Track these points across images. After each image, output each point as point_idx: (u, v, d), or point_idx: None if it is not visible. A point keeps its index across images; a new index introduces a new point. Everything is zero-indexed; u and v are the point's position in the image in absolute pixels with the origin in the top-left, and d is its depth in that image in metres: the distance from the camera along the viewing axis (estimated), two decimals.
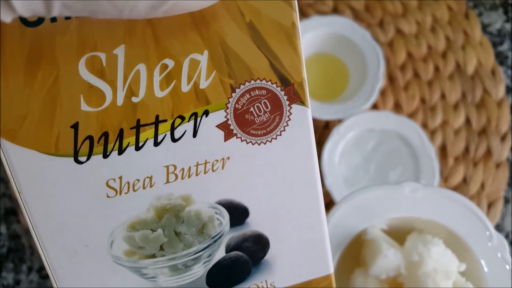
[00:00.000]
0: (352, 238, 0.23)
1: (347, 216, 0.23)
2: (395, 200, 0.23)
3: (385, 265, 0.21)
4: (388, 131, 0.34)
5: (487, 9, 0.42)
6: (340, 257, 0.22)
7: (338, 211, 0.22)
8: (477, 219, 0.23)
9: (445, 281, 0.20)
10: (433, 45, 0.40)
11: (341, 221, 0.23)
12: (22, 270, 0.34)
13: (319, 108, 0.34)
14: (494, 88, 0.38)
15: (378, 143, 0.34)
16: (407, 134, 0.34)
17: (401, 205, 0.23)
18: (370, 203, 0.23)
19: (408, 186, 0.23)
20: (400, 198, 0.23)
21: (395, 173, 0.34)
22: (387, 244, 0.21)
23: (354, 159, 0.34)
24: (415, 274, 0.21)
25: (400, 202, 0.23)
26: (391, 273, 0.21)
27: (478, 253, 0.22)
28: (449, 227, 0.23)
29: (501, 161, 0.36)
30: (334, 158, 0.33)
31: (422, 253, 0.21)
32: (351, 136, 0.34)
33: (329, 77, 0.37)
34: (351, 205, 0.23)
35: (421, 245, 0.21)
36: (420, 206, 0.23)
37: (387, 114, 0.34)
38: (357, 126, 0.34)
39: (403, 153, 0.34)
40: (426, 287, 0.20)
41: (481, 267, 0.22)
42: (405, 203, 0.23)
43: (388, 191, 0.23)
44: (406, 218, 0.23)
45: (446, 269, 0.21)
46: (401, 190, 0.23)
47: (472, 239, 0.22)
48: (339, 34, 0.36)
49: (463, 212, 0.23)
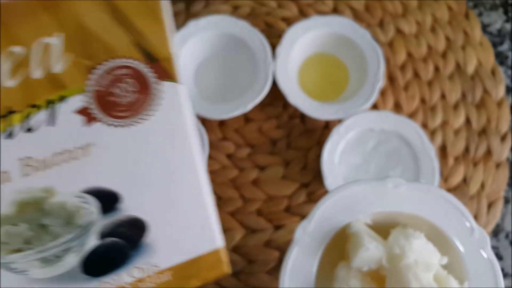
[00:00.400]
0: (336, 232, 0.23)
1: (331, 210, 0.23)
2: (378, 195, 0.23)
3: (366, 258, 0.21)
4: (388, 131, 0.34)
5: (487, 9, 0.42)
6: (325, 251, 0.23)
7: (323, 206, 0.23)
8: (459, 214, 0.23)
9: (426, 273, 0.21)
10: (433, 45, 0.40)
11: (326, 216, 0.23)
12: None
13: (319, 108, 0.34)
14: (494, 88, 0.38)
15: (378, 143, 0.34)
16: (407, 134, 0.34)
17: (384, 200, 0.23)
18: (354, 198, 0.23)
19: (391, 182, 0.23)
20: (383, 193, 0.23)
21: (395, 173, 0.34)
22: (369, 237, 0.22)
23: (354, 159, 0.34)
24: (396, 266, 0.21)
25: (383, 197, 0.23)
26: (373, 266, 0.22)
27: (459, 246, 0.23)
28: (431, 221, 0.23)
29: (501, 161, 0.36)
30: (334, 158, 0.33)
31: (404, 246, 0.21)
32: (351, 136, 0.34)
33: (329, 77, 0.37)
34: (336, 200, 0.23)
35: (402, 238, 0.22)
36: (404, 201, 0.23)
37: (387, 114, 0.34)
38: (357, 126, 0.34)
39: (403, 153, 0.34)
40: (407, 278, 0.20)
41: (462, 260, 0.23)
42: (388, 198, 0.23)
43: (372, 186, 0.23)
44: (390, 212, 0.23)
45: (427, 262, 0.21)
46: (384, 185, 0.23)
47: (454, 233, 0.23)
48: (339, 34, 0.36)
49: (446, 207, 0.23)
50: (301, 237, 0.23)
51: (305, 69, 0.37)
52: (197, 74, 0.37)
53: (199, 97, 0.35)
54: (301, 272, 0.22)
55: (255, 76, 0.35)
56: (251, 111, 0.36)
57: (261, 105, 0.37)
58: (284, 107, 0.38)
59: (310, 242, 0.23)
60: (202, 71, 0.37)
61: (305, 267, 0.22)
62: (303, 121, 0.37)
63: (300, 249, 0.22)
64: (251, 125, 0.37)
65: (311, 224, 0.23)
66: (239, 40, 0.36)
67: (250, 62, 0.36)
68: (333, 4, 0.41)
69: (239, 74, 0.37)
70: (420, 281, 0.20)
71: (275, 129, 0.37)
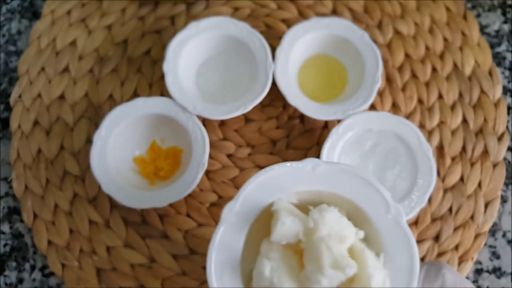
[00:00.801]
0: (261, 211, 0.24)
1: (256, 191, 0.24)
2: (300, 176, 0.25)
3: (283, 232, 0.22)
4: (386, 131, 0.34)
5: (485, 10, 0.43)
6: (251, 229, 0.24)
7: (248, 187, 0.24)
8: (376, 191, 0.25)
9: (339, 245, 0.22)
10: (431, 46, 0.40)
11: (251, 196, 0.24)
12: (25, 269, 0.34)
13: (318, 108, 0.35)
14: (492, 89, 0.39)
15: (376, 143, 0.35)
16: (404, 134, 0.34)
17: (305, 180, 0.25)
18: (278, 179, 0.25)
19: (310, 163, 0.25)
20: (304, 174, 0.25)
21: (393, 172, 0.34)
22: (288, 213, 0.23)
23: (353, 158, 0.35)
24: (311, 239, 0.22)
25: (304, 177, 0.25)
26: (292, 240, 0.23)
27: (376, 222, 0.24)
28: (349, 198, 0.25)
29: (498, 161, 0.37)
30: (333, 158, 0.34)
31: (317, 219, 0.22)
32: (349, 136, 0.34)
33: (328, 78, 0.38)
34: (260, 182, 0.24)
35: (316, 213, 0.23)
36: (323, 180, 0.25)
37: (384, 115, 0.34)
38: (356, 126, 0.34)
39: (401, 153, 0.34)
40: (320, 250, 0.21)
41: (379, 234, 0.24)
42: (308, 178, 0.25)
43: (293, 168, 0.25)
44: (312, 191, 0.25)
45: (340, 234, 0.22)
46: (304, 167, 0.25)
47: (371, 209, 0.24)
48: (338, 36, 0.37)
49: (363, 185, 0.25)
50: (227, 216, 0.24)
51: (305, 70, 0.38)
52: (198, 75, 0.38)
53: (200, 98, 0.36)
54: (227, 248, 0.24)
55: (255, 77, 0.36)
56: (251, 112, 0.37)
57: (261, 105, 0.38)
58: (284, 107, 0.38)
59: (236, 221, 0.24)
60: (203, 72, 0.38)
61: (231, 244, 0.24)
62: (303, 122, 0.38)
63: (227, 227, 0.24)
64: (251, 126, 0.37)
65: (237, 204, 0.24)
66: (240, 42, 0.37)
67: (250, 63, 0.36)
68: (332, 5, 0.41)
69: (239, 75, 0.37)
70: (333, 252, 0.21)
71: (275, 130, 0.37)
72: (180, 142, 0.35)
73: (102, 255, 0.34)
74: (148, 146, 0.35)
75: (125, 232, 0.34)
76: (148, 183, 0.34)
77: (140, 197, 0.32)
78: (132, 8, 0.41)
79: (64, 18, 0.40)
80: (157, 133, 0.35)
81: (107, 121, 0.34)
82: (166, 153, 0.35)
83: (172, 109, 0.34)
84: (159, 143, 0.36)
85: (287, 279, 0.22)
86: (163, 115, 0.34)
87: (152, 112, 0.34)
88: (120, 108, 0.34)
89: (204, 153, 0.33)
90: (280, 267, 0.22)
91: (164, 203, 0.32)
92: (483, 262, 0.35)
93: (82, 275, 0.33)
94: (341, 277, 0.22)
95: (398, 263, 0.24)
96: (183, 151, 0.35)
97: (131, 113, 0.34)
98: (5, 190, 0.36)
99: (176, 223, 0.35)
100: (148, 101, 0.34)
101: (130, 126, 0.34)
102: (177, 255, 0.34)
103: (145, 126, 0.35)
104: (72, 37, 0.40)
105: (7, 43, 0.41)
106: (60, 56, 0.39)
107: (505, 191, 0.37)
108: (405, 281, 0.23)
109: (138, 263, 0.34)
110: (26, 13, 0.42)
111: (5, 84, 0.40)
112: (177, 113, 0.34)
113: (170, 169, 0.35)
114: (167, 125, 0.35)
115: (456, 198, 0.36)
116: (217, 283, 0.23)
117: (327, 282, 0.21)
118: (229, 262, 0.24)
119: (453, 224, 0.35)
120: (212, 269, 0.23)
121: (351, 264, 0.21)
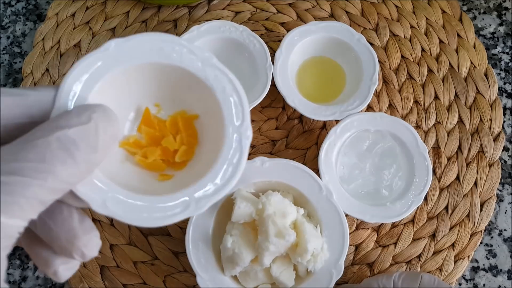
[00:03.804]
0: (224, 201, 0.32)
1: None
2: (252, 170, 0.32)
3: (239, 213, 0.30)
4: (383, 131, 0.35)
5: (481, 13, 0.43)
6: (218, 214, 0.32)
7: None
8: (310, 177, 0.32)
9: (282, 219, 0.29)
10: (427, 48, 0.41)
11: None
12: (28, 267, 0.35)
13: (316, 109, 0.35)
14: (487, 90, 0.39)
15: (373, 143, 0.36)
16: (401, 134, 0.35)
17: (257, 173, 0.32)
18: None
19: (259, 160, 0.32)
20: (255, 169, 0.32)
21: (390, 172, 0.35)
22: (244, 200, 0.30)
23: (350, 158, 0.35)
24: (261, 217, 0.29)
25: (256, 171, 0.32)
26: (248, 219, 0.30)
27: (313, 201, 0.32)
28: (292, 185, 0.32)
29: (494, 161, 0.37)
30: (331, 158, 0.34)
31: (264, 202, 0.29)
32: (347, 136, 0.35)
33: (326, 80, 0.38)
34: None
35: (264, 197, 0.30)
36: (270, 172, 0.32)
37: (381, 115, 0.35)
38: (353, 127, 0.35)
39: (397, 153, 0.35)
40: (267, 224, 0.28)
41: (317, 210, 0.32)
42: (259, 172, 0.32)
43: (246, 166, 0.28)
44: (264, 181, 0.32)
45: (283, 211, 0.29)
46: (255, 163, 0.32)
47: (308, 191, 0.32)
48: (336, 39, 0.37)
49: (300, 174, 0.32)
50: None
51: (304, 72, 0.38)
52: None
53: None
54: (201, 229, 0.31)
55: (255, 79, 0.36)
56: (251, 112, 0.38)
57: (261, 106, 0.39)
58: (283, 108, 0.39)
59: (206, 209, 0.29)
60: None
61: (204, 225, 0.31)
62: (302, 122, 0.38)
63: (199, 214, 0.31)
64: (251, 126, 0.38)
65: None
66: (240, 44, 0.37)
67: (250, 65, 0.37)
68: (330, 9, 0.42)
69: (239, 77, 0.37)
70: (277, 225, 0.29)
71: (275, 130, 0.38)
72: (193, 102, 0.22)
73: (105, 253, 0.34)
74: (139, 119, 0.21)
75: (128, 230, 0.35)
76: (156, 177, 0.21)
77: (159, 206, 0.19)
78: (136, 11, 0.42)
79: (68, 21, 0.41)
80: (147, 96, 0.21)
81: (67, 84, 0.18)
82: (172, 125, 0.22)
83: (170, 51, 0.20)
84: (154, 112, 0.22)
85: (245, 249, 0.29)
86: (157, 64, 0.20)
87: (136, 64, 0.19)
88: (84, 59, 0.19)
89: (245, 116, 0.21)
90: (239, 240, 0.30)
91: (204, 205, 0.19)
92: (480, 260, 0.36)
93: (85, 272, 0.34)
94: (284, 244, 0.29)
95: (332, 231, 0.31)
96: (199, 116, 0.22)
97: (107, 69, 0.19)
98: None
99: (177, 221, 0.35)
100: (124, 45, 0.19)
101: (110, 88, 0.19)
102: (179, 252, 0.34)
103: (129, 88, 0.20)
104: (76, 40, 0.40)
105: (12, 44, 0.42)
106: (64, 58, 0.40)
107: (501, 190, 0.37)
108: (340, 243, 0.31)
109: (141, 261, 0.34)
110: (30, 16, 0.43)
111: (9, 85, 0.40)
112: (181, 57, 0.20)
113: (188, 150, 0.21)
114: (168, 76, 0.20)
115: (452, 197, 0.36)
116: (193, 254, 0.30)
117: (274, 248, 0.28)
118: (202, 238, 0.31)
119: (449, 222, 0.36)
120: (190, 243, 0.30)
121: (291, 233, 0.29)
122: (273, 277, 0.30)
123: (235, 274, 0.30)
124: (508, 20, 0.43)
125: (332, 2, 0.42)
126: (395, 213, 0.33)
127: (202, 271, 0.30)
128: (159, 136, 0.21)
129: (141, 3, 0.42)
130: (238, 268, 0.30)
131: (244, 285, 0.31)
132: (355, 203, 0.33)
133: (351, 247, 0.35)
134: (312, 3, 0.42)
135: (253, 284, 0.31)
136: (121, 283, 0.34)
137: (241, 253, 0.29)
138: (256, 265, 0.30)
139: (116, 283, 0.34)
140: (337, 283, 0.32)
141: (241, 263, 0.29)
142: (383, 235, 0.35)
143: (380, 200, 0.34)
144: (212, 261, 0.31)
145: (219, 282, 0.30)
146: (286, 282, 0.30)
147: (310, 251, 0.29)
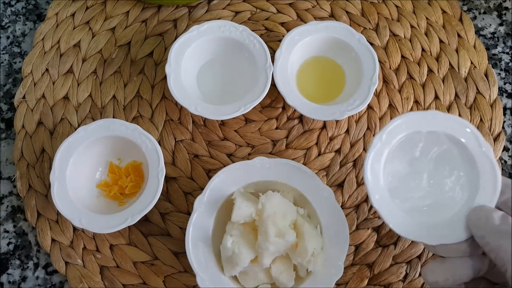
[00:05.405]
0: (224, 200, 0.32)
1: (219, 185, 0.32)
2: (252, 171, 0.32)
3: (239, 214, 0.30)
4: (437, 133, 0.29)
5: (481, 13, 0.43)
6: (218, 214, 0.32)
7: (212, 183, 0.32)
8: (312, 178, 0.32)
9: (282, 220, 0.29)
10: (428, 48, 0.41)
11: (216, 189, 0.32)
12: (28, 267, 0.35)
13: (316, 109, 0.35)
14: (487, 90, 0.39)
15: (427, 147, 0.30)
16: (458, 134, 0.29)
17: (257, 174, 0.32)
18: (236, 175, 0.32)
19: (258, 160, 0.32)
20: (255, 169, 0.32)
21: (451, 181, 0.29)
22: (244, 200, 0.30)
23: (401, 167, 0.30)
24: (261, 217, 0.29)
25: (255, 172, 0.32)
26: (248, 219, 0.30)
27: (313, 201, 0.32)
28: (292, 185, 0.32)
29: None
30: (379, 169, 0.28)
31: (264, 203, 0.30)
32: (395, 142, 0.29)
33: (326, 80, 0.38)
34: (221, 178, 0.32)
35: (264, 197, 0.30)
36: (270, 173, 0.32)
37: (434, 114, 0.29)
38: (402, 130, 0.29)
39: (455, 155, 0.29)
40: (267, 224, 0.29)
41: (316, 210, 0.31)
42: (259, 172, 0.32)
43: (246, 165, 0.32)
44: (263, 181, 0.32)
45: (283, 212, 0.30)
46: (254, 163, 0.32)
47: (308, 192, 0.32)
48: (336, 39, 0.37)
49: (301, 174, 0.32)
50: (198, 206, 0.31)
51: (304, 72, 0.38)
52: (199, 76, 0.38)
53: (201, 99, 0.37)
54: (201, 230, 0.31)
55: (255, 79, 0.36)
56: (251, 112, 0.38)
57: (261, 106, 0.39)
58: (283, 108, 0.39)
59: (205, 209, 0.32)
60: (204, 73, 0.38)
61: (204, 226, 0.31)
62: (302, 122, 0.38)
63: (199, 214, 0.31)
64: (251, 126, 0.38)
65: (205, 196, 0.32)
66: (240, 44, 0.37)
67: (250, 65, 0.37)
68: (330, 9, 0.42)
69: (239, 76, 0.38)
70: (277, 226, 0.29)
71: (275, 130, 0.38)
72: (136, 156, 0.35)
73: (105, 253, 0.34)
74: (107, 169, 0.35)
75: (128, 230, 0.35)
76: (117, 204, 0.34)
77: (112, 221, 0.32)
78: (135, 11, 0.42)
79: (68, 21, 0.41)
80: (112, 154, 0.35)
81: (57, 161, 0.33)
82: (125, 170, 0.35)
83: (115, 127, 0.34)
84: (116, 163, 0.35)
85: (245, 249, 0.29)
86: (109, 136, 0.34)
87: (97, 138, 0.33)
88: (66, 143, 0.33)
89: (159, 159, 0.33)
90: (239, 240, 0.30)
91: (136, 219, 0.32)
92: None
93: (85, 272, 0.34)
94: (284, 244, 0.29)
95: (332, 231, 0.31)
96: (142, 163, 0.35)
97: (76, 146, 0.33)
98: (9, 189, 0.37)
99: (177, 221, 0.35)
100: (88, 128, 0.33)
101: (82, 157, 0.34)
102: (179, 252, 0.34)
103: (96, 152, 0.34)
104: (76, 39, 0.40)
105: (12, 44, 0.42)
106: (64, 57, 0.40)
107: None
108: (340, 243, 0.30)
109: (141, 261, 0.34)
110: (30, 15, 0.43)
111: (9, 85, 0.40)
112: (120, 129, 0.34)
113: (135, 184, 0.34)
114: (117, 144, 0.34)
115: None
116: (193, 254, 0.30)
117: (274, 248, 0.29)
118: (202, 238, 0.31)
119: None
120: (190, 243, 0.30)
121: (291, 233, 0.29)
122: (273, 277, 0.30)
123: (235, 274, 0.30)
124: (508, 20, 0.43)
125: (332, 2, 0.42)
126: (460, 228, 0.27)
127: (202, 271, 0.30)
128: (117, 178, 0.35)
129: (141, 3, 0.42)
130: (238, 268, 0.30)
131: (244, 285, 0.31)
132: (410, 221, 0.28)
133: (351, 247, 0.35)
134: (312, 3, 0.42)
135: (253, 284, 0.31)
136: (121, 283, 0.34)
137: (241, 253, 0.29)
138: (256, 265, 0.30)
139: (116, 283, 0.33)
140: (337, 283, 0.32)
141: (241, 263, 0.29)
142: (383, 235, 0.35)
143: (440, 216, 0.28)
144: (212, 261, 0.31)
145: (219, 282, 0.30)
146: (286, 282, 0.30)
147: (310, 251, 0.29)
